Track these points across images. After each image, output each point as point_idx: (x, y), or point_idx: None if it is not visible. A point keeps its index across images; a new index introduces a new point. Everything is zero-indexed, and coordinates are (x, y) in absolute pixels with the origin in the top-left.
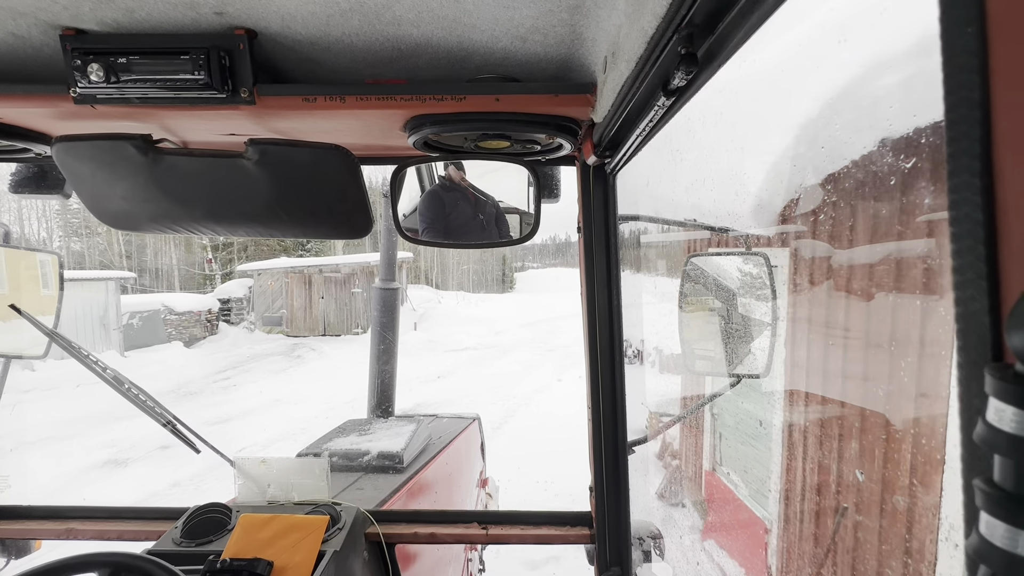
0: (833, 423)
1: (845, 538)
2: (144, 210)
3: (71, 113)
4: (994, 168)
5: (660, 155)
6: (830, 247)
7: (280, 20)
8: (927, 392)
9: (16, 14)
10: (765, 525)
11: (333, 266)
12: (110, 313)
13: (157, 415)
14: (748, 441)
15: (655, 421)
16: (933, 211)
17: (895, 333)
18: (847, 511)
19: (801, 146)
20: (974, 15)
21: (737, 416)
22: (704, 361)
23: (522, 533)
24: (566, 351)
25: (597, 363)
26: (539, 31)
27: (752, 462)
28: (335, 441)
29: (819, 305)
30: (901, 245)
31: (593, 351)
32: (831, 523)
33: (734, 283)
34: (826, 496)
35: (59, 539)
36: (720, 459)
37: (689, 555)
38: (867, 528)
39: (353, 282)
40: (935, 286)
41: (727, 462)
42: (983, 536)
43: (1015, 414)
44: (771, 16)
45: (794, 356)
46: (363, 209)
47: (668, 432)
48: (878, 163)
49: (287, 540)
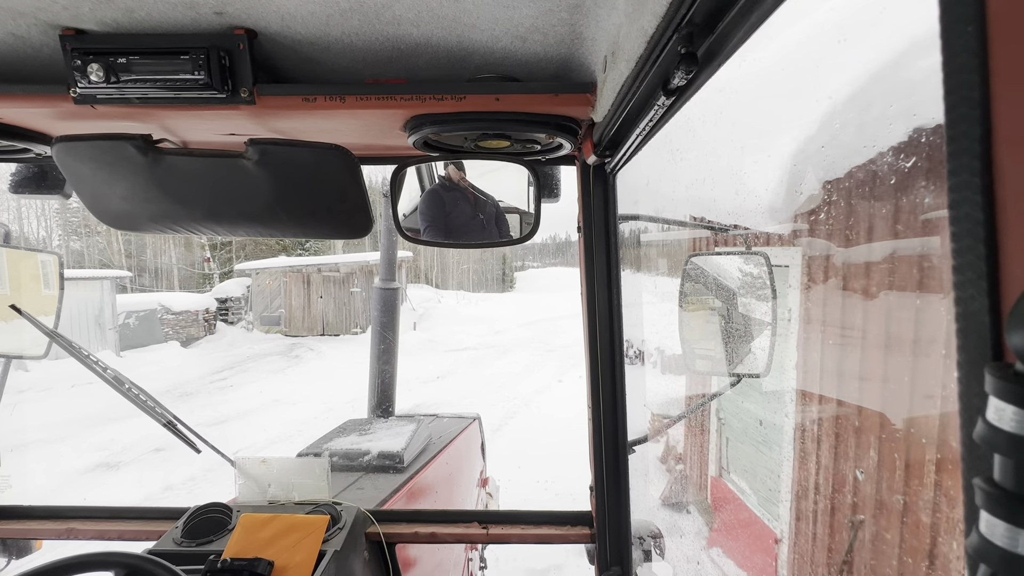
0: (849, 429)
1: (862, 551)
2: (144, 210)
3: (71, 113)
4: (994, 167)
5: (660, 154)
6: (844, 247)
7: (280, 20)
8: (955, 396)
9: (16, 14)
10: (775, 535)
11: (332, 265)
12: (105, 313)
13: (157, 415)
14: (757, 446)
15: (658, 422)
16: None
17: (919, 334)
18: (863, 523)
19: (807, 145)
20: (974, 14)
21: (744, 420)
22: (704, 360)
23: (522, 533)
24: (566, 351)
25: (597, 362)
26: (539, 31)
27: (761, 468)
28: (335, 441)
29: (835, 305)
30: (923, 242)
31: (593, 351)
32: (847, 535)
33: (734, 283)
34: (840, 506)
35: (60, 539)
36: (727, 465)
37: (694, 563)
38: (886, 541)
39: (352, 281)
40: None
41: (734, 468)
42: (983, 535)
43: (1015, 413)
44: (771, 16)
45: (807, 358)
46: (363, 209)
47: (672, 435)
48: (883, 162)
49: (288, 540)
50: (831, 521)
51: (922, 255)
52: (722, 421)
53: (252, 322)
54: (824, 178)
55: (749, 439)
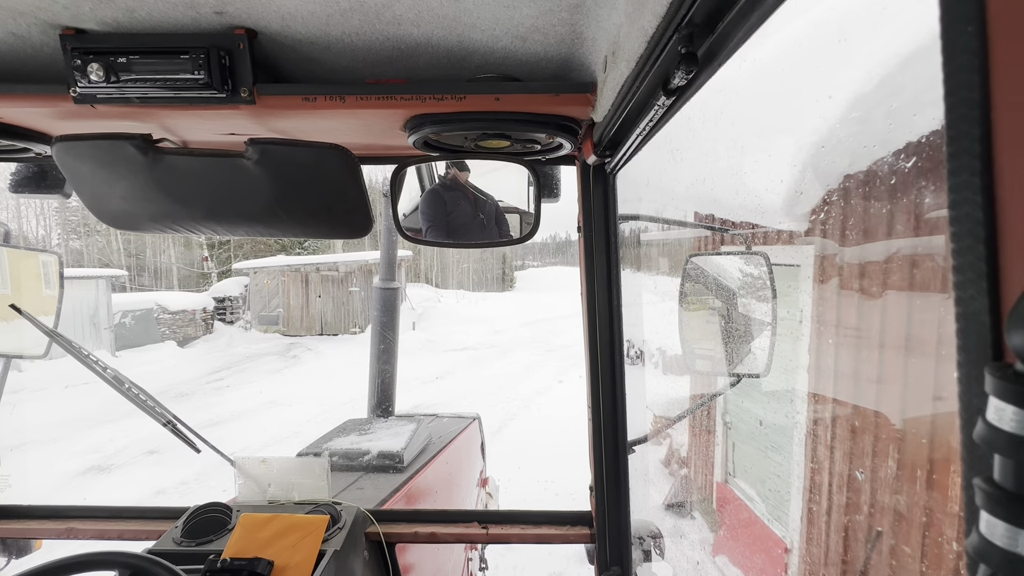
0: (866, 436)
1: (880, 567)
2: (144, 210)
3: (71, 113)
4: (994, 167)
5: (660, 154)
6: (855, 245)
7: (280, 20)
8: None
9: (16, 13)
10: (784, 544)
11: (330, 264)
12: (101, 312)
13: (158, 415)
14: (764, 451)
15: (660, 424)
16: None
17: (941, 336)
18: (881, 535)
19: (809, 144)
20: (974, 14)
21: (750, 423)
22: (704, 360)
23: (522, 532)
24: (567, 351)
25: (597, 362)
26: (539, 30)
27: (769, 475)
28: (335, 440)
29: (849, 306)
30: (934, 240)
31: (593, 350)
32: (863, 549)
33: (734, 283)
34: (854, 517)
35: (59, 539)
36: (733, 470)
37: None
38: (906, 555)
39: (351, 281)
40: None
41: (740, 474)
42: (983, 535)
43: (1015, 413)
44: (771, 16)
45: (819, 360)
46: (363, 209)
47: (676, 439)
48: (885, 163)
49: (287, 540)
50: (846, 532)
51: (938, 254)
52: (728, 425)
53: (250, 321)
54: (828, 177)
55: (756, 442)
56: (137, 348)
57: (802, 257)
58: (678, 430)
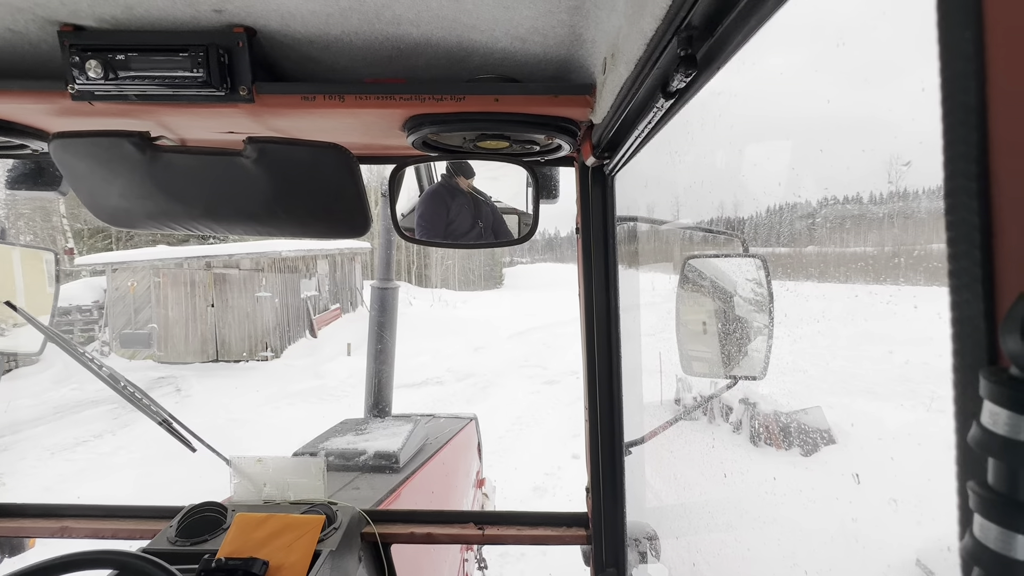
0: None
1: None
2: (141, 207)
3: (69, 110)
4: (990, 172)
5: (659, 157)
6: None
7: (279, 18)
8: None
9: (14, 9)
10: None
11: (227, 258)
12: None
13: (153, 413)
14: None
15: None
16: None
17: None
18: None
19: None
20: (971, 19)
21: None
22: (700, 363)
23: (518, 534)
24: (574, 382)
25: (595, 363)
26: (539, 32)
27: None
28: (331, 440)
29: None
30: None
31: (591, 351)
32: None
33: (731, 285)
34: None
35: (53, 537)
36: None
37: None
38: None
39: (258, 282)
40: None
41: None
42: (977, 538)
43: (1009, 417)
44: (770, 18)
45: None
46: (361, 208)
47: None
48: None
49: (283, 539)
50: None
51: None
52: None
53: (108, 343)
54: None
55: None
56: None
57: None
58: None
